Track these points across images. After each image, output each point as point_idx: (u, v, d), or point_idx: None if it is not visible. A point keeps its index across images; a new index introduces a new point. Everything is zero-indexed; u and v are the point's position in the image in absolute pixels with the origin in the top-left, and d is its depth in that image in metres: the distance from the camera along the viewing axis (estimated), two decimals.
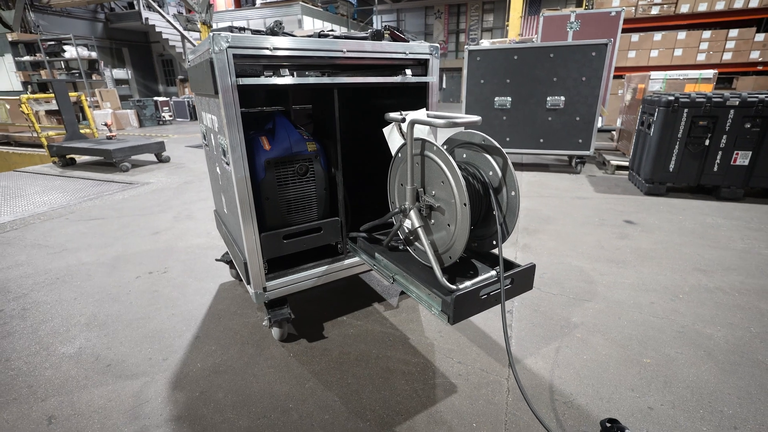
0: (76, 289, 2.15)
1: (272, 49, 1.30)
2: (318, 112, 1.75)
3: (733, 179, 3.39)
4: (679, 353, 1.54)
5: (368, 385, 1.42)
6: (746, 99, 3.16)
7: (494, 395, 1.36)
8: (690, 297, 1.94)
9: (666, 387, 1.37)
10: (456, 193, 1.22)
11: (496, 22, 20.14)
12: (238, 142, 1.31)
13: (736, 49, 7.03)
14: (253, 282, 1.50)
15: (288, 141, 1.48)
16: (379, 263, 1.51)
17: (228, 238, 1.81)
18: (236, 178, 1.34)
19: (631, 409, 1.29)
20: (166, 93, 16.12)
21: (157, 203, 3.71)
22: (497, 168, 1.33)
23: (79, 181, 4.76)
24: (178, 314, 1.89)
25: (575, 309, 1.86)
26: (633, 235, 2.73)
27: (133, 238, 2.85)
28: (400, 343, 1.65)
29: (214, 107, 1.43)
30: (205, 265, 2.39)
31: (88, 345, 1.67)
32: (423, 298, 1.28)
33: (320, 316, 1.85)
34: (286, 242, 1.55)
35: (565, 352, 1.57)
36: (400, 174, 1.46)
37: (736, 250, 2.46)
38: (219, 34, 1.19)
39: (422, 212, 1.36)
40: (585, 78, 4.21)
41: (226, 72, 1.24)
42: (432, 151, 1.27)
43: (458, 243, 1.28)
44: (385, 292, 2.05)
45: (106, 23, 13.70)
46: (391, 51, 1.53)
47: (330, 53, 1.40)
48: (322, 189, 1.60)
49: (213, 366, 1.53)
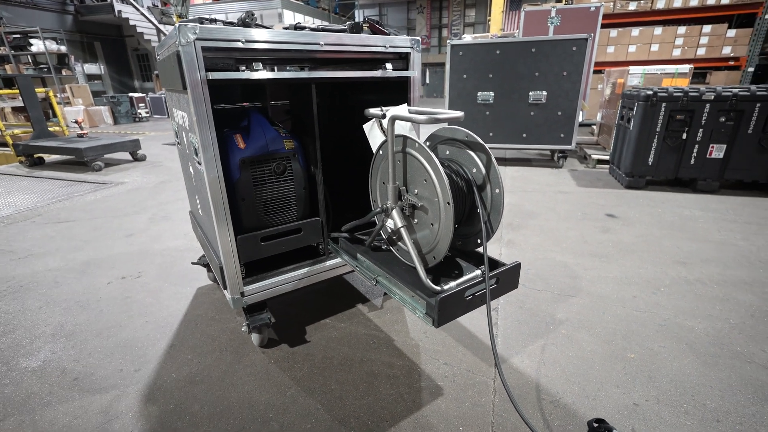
0: (42, 297, 2.03)
1: (244, 41, 1.23)
2: (296, 108, 1.68)
3: (708, 172, 3.46)
4: (662, 347, 1.55)
5: (352, 391, 1.37)
6: (721, 93, 3.22)
7: (481, 397, 1.34)
8: (671, 290, 1.96)
9: (650, 382, 1.38)
10: (439, 191, 1.18)
11: (478, 17, 20.20)
12: (210, 140, 1.24)
13: (709, 44, 7.21)
14: (230, 287, 1.43)
15: (264, 139, 1.42)
16: (362, 264, 1.46)
17: (204, 241, 1.73)
18: (209, 179, 1.27)
19: (617, 406, 1.28)
20: (142, 89, 15.60)
21: (131, 204, 3.57)
22: (481, 165, 1.30)
23: (47, 181, 4.54)
24: (153, 321, 1.80)
25: (560, 305, 1.85)
26: (615, 228, 2.76)
27: (105, 242, 2.72)
28: (385, 345, 1.61)
29: (184, 103, 1.35)
30: (182, 269, 2.30)
31: (53, 358, 1.57)
32: (407, 301, 1.24)
33: (302, 320, 1.79)
34: (264, 244, 1.49)
35: (551, 349, 1.56)
36: (382, 172, 1.41)
37: (713, 241, 2.50)
38: (186, 25, 1.11)
39: (405, 211, 1.32)
40: (566, 73, 4.23)
41: (194, 66, 1.16)
42: (414, 148, 1.23)
43: (442, 243, 1.24)
44: (369, 293, 2.00)
45: (76, 16, 13.12)
46: (370, 44, 1.47)
47: (307, 46, 1.34)
48: (301, 188, 1.54)
49: (189, 376, 1.46)
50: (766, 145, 3.24)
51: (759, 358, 1.48)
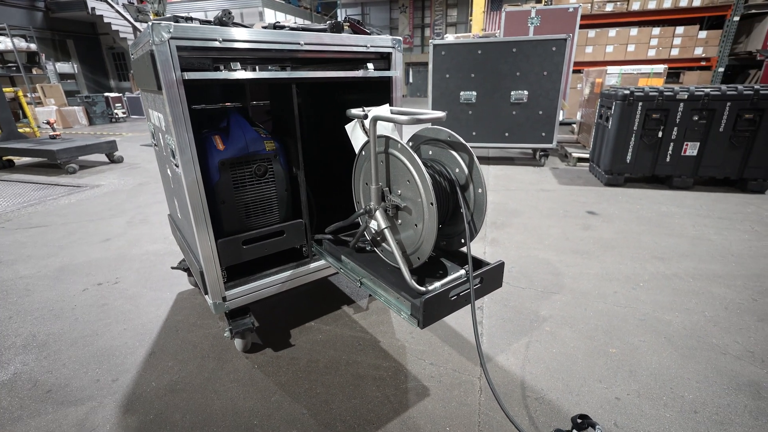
0: (12, 306, 1.94)
1: (221, 41, 1.19)
2: (276, 108, 1.65)
3: (683, 169, 3.57)
4: (642, 341, 1.58)
5: (338, 394, 1.36)
6: (694, 93, 3.32)
7: (467, 396, 1.34)
8: (649, 285, 2.01)
9: (631, 376, 1.41)
10: (422, 192, 1.18)
11: (460, 17, 20.36)
12: (187, 142, 1.21)
13: (682, 45, 7.44)
14: (211, 292, 1.39)
15: (243, 140, 1.38)
16: (346, 266, 1.45)
17: (183, 245, 1.69)
18: (187, 182, 1.24)
19: (600, 401, 1.30)
20: (119, 88, 15.15)
21: (108, 207, 3.46)
22: (463, 165, 1.30)
23: (17, 185, 4.36)
24: (131, 329, 1.75)
25: (544, 302, 1.88)
26: (595, 225, 2.82)
27: (80, 247, 2.62)
28: (371, 347, 1.60)
29: (160, 104, 1.31)
30: (162, 273, 2.23)
31: (24, 370, 1.51)
32: (392, 302, 1.23)
33: (286, 323, 1.77)
34: (245, 248, 1.46)
35: (535, 346, 1.58)
36: (365, 173, 1.40)
37: (688, 237, 2.58)
38: (160, 23, 1.08)
39: (388, 212, 1.31)
40: (546, 72, 4.30)
41: (169, 65, 1.12)
42: (396, 149, 1.22)
43: (426, 243, 1.24)
44: (354, 294, 1.99)
45: (47, 12, 12.64)
46: (351, 44, 1.46)
47: (286, 46, 1.31)
48: (283, 190, 1.51)
49: (169, 384, 1.42)
50: (736, 143, 3.36)
51: (733, 349, 1.53)
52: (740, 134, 3.33)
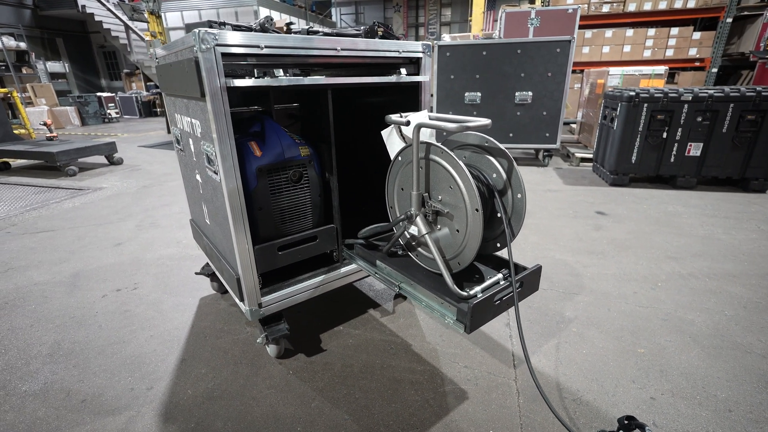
0: (31, 314, 1.91)
1: (263, 47, 1.19)
2: (307, 113, 1.65)
3: (687, 169, 3.64)
4: (669, 341, 1.62)
5: (377, 399, 1.37)
6: (698, 94, 3.39)
7: (505, 398, 1.36)
8: (668, 285, 2.05)
9: (662, 376, 1.44)
10: (467, 198, 1.19)
11: (454, 16, 20.42)
12: (229, 150, 1.20)
13: (677, 46, 7.56)
14: (248, 298, 1.39)
15: (280, 146, 1.38)
16: (382, 271, 1.45)
17: (211, 251, 1.68)
18: (227, 189, 1.23)
19: (636, 401, 1.33)
20: (110, 88, 14.90)
21: (114, 211, 3.41)
22: (501, 170, 1.31)
23: (17, 188, 4.27)
24: (158, 336, 1.73)
25: (567, 303, 1.91)
26: (606, 225, 2.86)
27: (92, 252, 2.59)
28: (403, 350, 1.61)
29: (197, 110, 1.30)
30: (180, 278, 2.22)
31: (54, 379, 1.49)
32: (434, 308, 1.24)
33: (315, 328, 1.77)
34: (280, 254, 1.46)
35: (565, 348, 1.60)
36: (400, 178, 1.41)
37: (698, 236, 2.64)
38: (206, 30, 1.07)
39: (428, 218, 1.32)
40: (551, 73, 4.34)
41: (214, 72, 1.12)
42: (438, 155, 1.23)
43: (469, 249, 1.25)
44: (378, 297, 1.99)
45: (35, 10, 12.38)
46: (385, 49, 1.46)
47: (324, 51, 1.31)
48: (316, 195, 1.51)
49: (206, 392, 1.41)
50: (738, 143, 3.44)
51: (757, 348, 1.57)
52: (742, 135, 3.40)
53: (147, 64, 11.93)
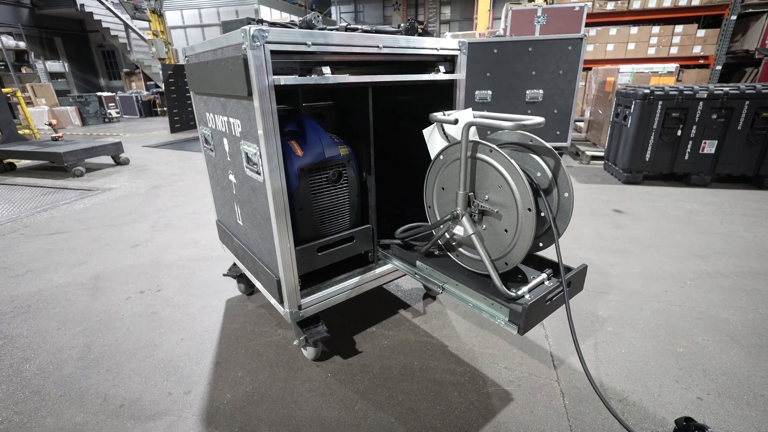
0: (56, 317, 1.88)
1: (310, 44, 1.17)
2: (343, 111, 1.62)
3: (701, 167, 3.64)
4: (707, 340, 1.61)
5: (422, 401, 1.35)
6: (713, 92, 3.38)
7: (551, 400, 1.34)
8: (697, 283, 2.04)
9: (706, 375, 1.42)
10: (519, 197, 1.17)
11: (454, 14, 20.38)
12: (275, 149, 1.18)
13: (681, 44, 7.57)
14: (288, 301, 1.37)
15: (320, 145, 1.36)
16: (423, 272, 1.44)
17: (244, 253, 1.65)
18: (272, 189, 1.20)
19: (683, 402, 1.32)
20: (109, 87, 14.79)
21: (127, 212, 3.37)
22: (546, 168, 1.29)
23: (24, 189, 4.23)
24: (188, 338, 1.71)
25: (598, 302, 1.89)
26: (625, 224, 2.85)
27: (110, 253, 2.55)
28: (440, 351, 1.59)
29: (238, 109, 1.27)
30: (203, 280, 2.19)
31: (89, 384, 1.46)
32: (483, 309, 1.23)
33: (347, 329, 1.75)
34: (320, 255, 1.43)
35: (603, 347, 1.59)
36: (441, 177, 1.39)
37: (719, 234, 2.63)
38: (258, 27, 1.04)
39: (474, 218, 1.30)
40: (562, 71, 4.32)
41: (263, 70, 1.09)
42: (487, 154, 1.21)
43: (518, 249, 1.23)
44: (407, 297, 1.98)
45: (33, 9, 12.25)
46: (424, 47, 1.44)
47: (367, 49, 1.29)
48: (354, 195, 1.49)
49: (246, 395, 1.39)
50: (753, 140, 3.44)
51: None
52: (758, 132, 3.40)
53: (147, 63, 11.86)
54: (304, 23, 1.23)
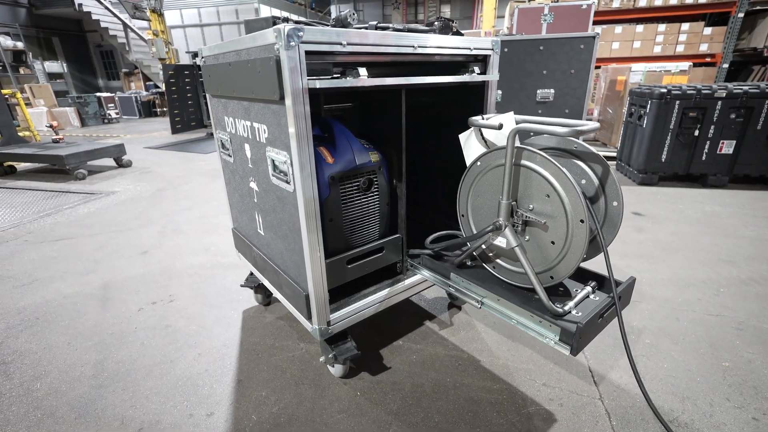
0: (66, 330, 1.79)
1: (345, 44, 1.08)
2: (369, 114, 1.54)
3: (719, 167, 3.57)
4: (752, 353, 1.53)
5: (459, 422, 1.27)
6: (732, 91, 3.31)
7: (596, 420, 1.27)
8: (731, 290, 1.97)
9: (758, 393, 1.35)
10: (569, 208, 1.09)
11: (454, 13, 20.28)
12: (308, 157, 1.09)
13: (687, 42, 7.50)
14: (317, 316, 1.29)
15: (351, 152, 1.28)
16: (458, 284, 1.36)
17: (264, 264, 1.57)
18: (304, 199, 1.12)
19: (738, 422, 1.25)
20: (107, 88, 14.64)
21: (133, 216, 3.28)
22: (592, 176, 1.22)
23: (26, 192, 4.13)
24: (206, 353, 1.62)
25: (631, 312, 1.82)
26: (647, 227, 2.78)
27: (118, 261, 2.47)
28: (472, 367, 1.52)
29: (265, 114, 1.19)
30: (216, 289, 2.11)
31: (105, 405, 1.37)
32: (530, 327, 1.15)
33: (373, 343, 1.67)
34: (349, 267, 1.35)
35: (644, 362, 1.51)
36: (478, 185, 1.31)
37: (746, 237, 2.56)
38: (294, 26, 0.96)
39: (517, 228, 1.22)
40: (574, 71, 4.24)
41: (297, 72, 1.01)
42: (534, 161, 1.13)
43: (567, 263, 1.15)
44: (431, 308, 1.90)
45: (30, 9, 12.10)
46: (457, 46, 1.36)
47: (402, 49, 1.21)
48: (384, 204, 1.41)
49: (272, 417, 1.31)
50: None
51: None
52: None
53: (146, 63, 11.75)
54: (338, 21, 1.14)
